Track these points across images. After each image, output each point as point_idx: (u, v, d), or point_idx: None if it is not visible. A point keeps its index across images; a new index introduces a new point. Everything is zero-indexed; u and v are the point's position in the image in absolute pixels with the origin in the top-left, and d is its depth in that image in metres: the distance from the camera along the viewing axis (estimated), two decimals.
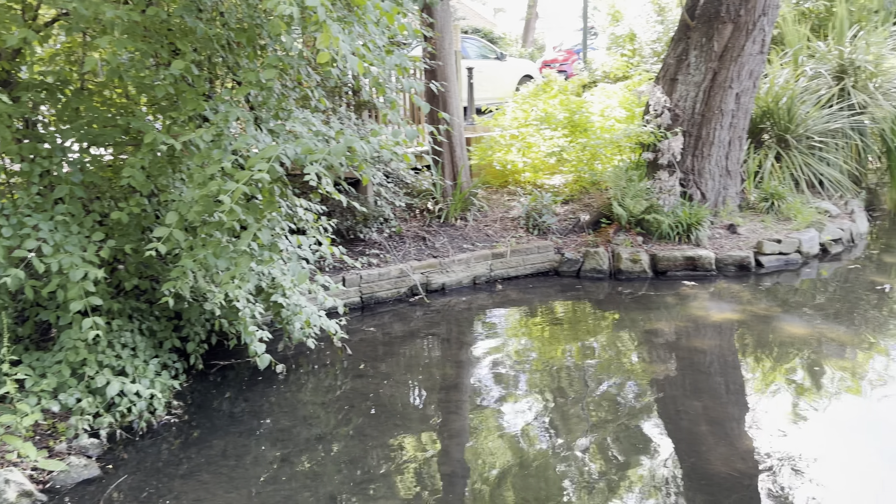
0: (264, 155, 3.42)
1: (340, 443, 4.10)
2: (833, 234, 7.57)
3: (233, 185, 3.42)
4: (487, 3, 41.15)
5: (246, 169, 3.47)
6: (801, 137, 8.56)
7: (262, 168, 3.34)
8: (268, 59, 3.96)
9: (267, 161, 3.40)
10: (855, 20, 9.28)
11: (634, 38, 13.04)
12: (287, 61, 4.21)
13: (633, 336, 5.77)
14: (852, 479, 3.56)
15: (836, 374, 4.82)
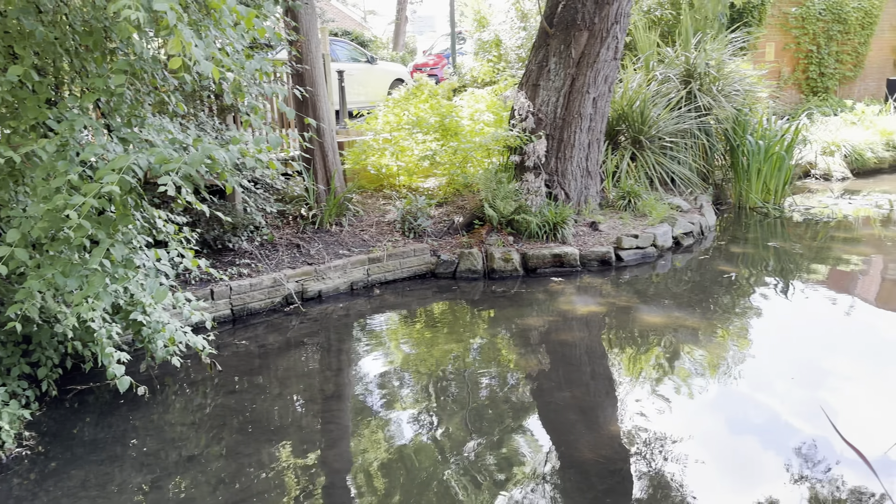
0: (114, 166, 3.23)
1: (213, 463, 3.94)
2: (685, 227, 8.16)
3: (80, 199, 3.21)
4: (358, 5, 40.94)
5: (95, 181, 3.26)
6: (653, 138, 9.17)
7: (111, 180, 3.15)
8: (117, 63, 3.74)
9: (117, 172, 3.22)
10: (698, 28, 10.05)
11: (500, 43, 13.45)
12: (140, 65, 3.99)
13: (507, 333, 5.95)
14: (712, 454, 3.86)
15: (691, 357, 5.21)
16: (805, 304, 6.42)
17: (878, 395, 4.53)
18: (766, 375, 4.84)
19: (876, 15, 17.58)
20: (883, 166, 12.69)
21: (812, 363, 5.09)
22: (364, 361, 5.42)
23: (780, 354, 5.25)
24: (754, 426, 4.22)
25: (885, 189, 11.26)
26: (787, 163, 9.80)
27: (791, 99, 17.26)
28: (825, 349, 5.40)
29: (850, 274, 7.29)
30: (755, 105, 10.86)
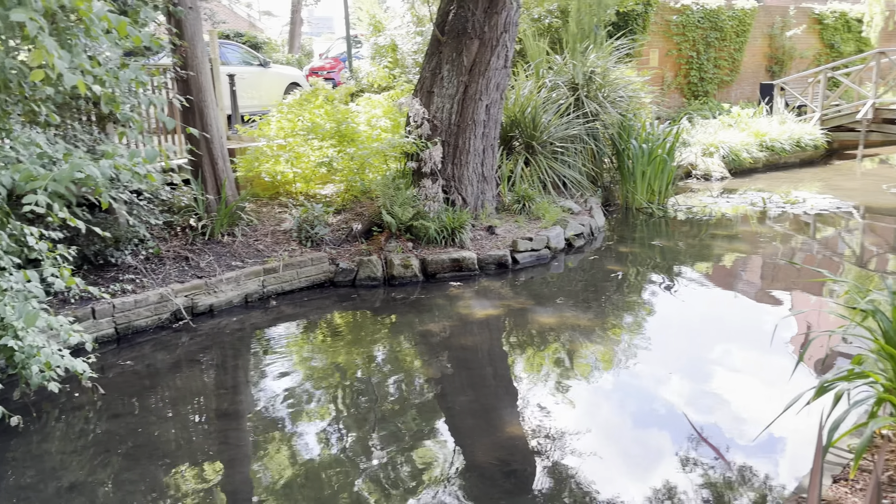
0: None
1: (98, 489, 3.75)
2: (576, 229, 8.46)
3: None
4: (252, 6, 39.89)
5: None
6: (545, 143, 9.46)
7: None
8: None
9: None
10: (578, 39, 10.41)
11: (396, 48, 13.46)
12: (2, 75, 3.73)
13: (409, 339, 5.97)
14: (610, 447, 4.02)
15: (584, 355, 5.41)
16: (689, 298, 6.81)
17: (761, 383, 4.87)
18: (656, 369, 5.10)
19: (749, 23, 18.86)
20: (758, 166, 13.63)
21: (698, 355, 5.41)
22: (262, 376, 5.29)
23: (668, 348, 5.54)
24: (648, 418, 4.44)
25: (760, 187, 12.09)
26: (670, 165, 10.36)
27: (675, 103, 18.23)
28: (710, 341, 5.75)
29: (729, 269, 7.79)
30: (640, 110, 11.40)
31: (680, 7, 17.80)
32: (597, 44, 10.54)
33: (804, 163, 14.24)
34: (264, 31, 34.99)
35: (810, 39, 20.62)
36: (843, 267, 7.80)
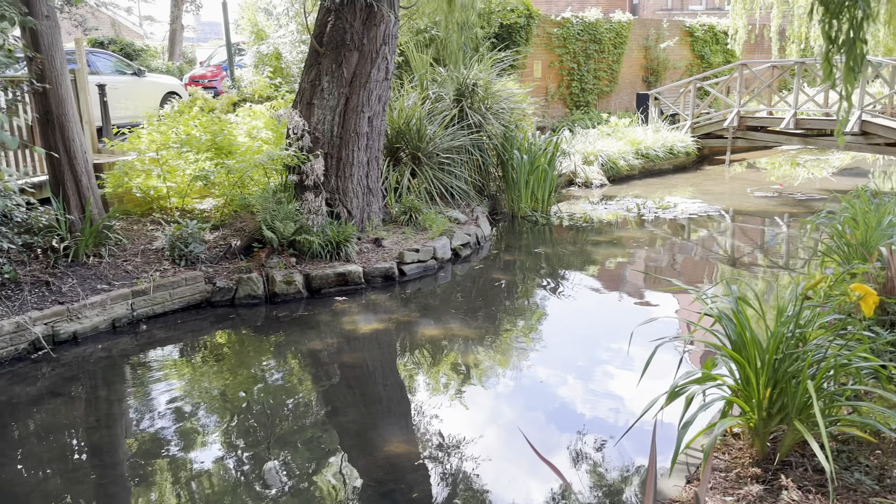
0: None
1: None
2: (462, 239, 8.55)
3: None
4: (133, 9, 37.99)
5: None
6: (431, 154, 9.52)
7: None
8: None
9: None
10: (454, 53, 10.55)
11: (280, 57, 13.18)
12: None
13: (292, 358, 5.81)
14: (500, 452, 4.04)
15: (469, 365, 5.45)
16: (570, 304, 7.02)
17: (631, 387, 5.06)
18: (541, 372, 5.21)
19: (626, 36, 19.81)
20: (634, 173, 14.30)
21: (575, 361, 5.57)
22: (131, 406, 4.99)
23: (549, 354, 5.68)
24: (534, 420, 4.51)
25: (636, 193, 12.68)
26: (551, 174, 10.68)
27: (558, 113, 18.86)
28: (589, 345, 5.94)
29: (608, 273, 8.10)
30: (523, 120, 11.70)
31: (560, 20, 18.46)
32: (478, 56, 10.73)
33: (677, 169, 15.07)
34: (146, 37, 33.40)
35: (683, 51, 21.91)
36: (714, 268, 8.29)
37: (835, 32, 2.96)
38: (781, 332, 3.15)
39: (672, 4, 28.98)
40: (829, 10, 2.92)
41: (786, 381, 3.11)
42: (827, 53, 3.11)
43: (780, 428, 3.24)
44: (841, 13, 2.88)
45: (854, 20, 2.87)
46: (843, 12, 2.86)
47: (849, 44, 2.94)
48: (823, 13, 2.97)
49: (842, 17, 2.90)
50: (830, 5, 2.93)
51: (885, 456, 3.08)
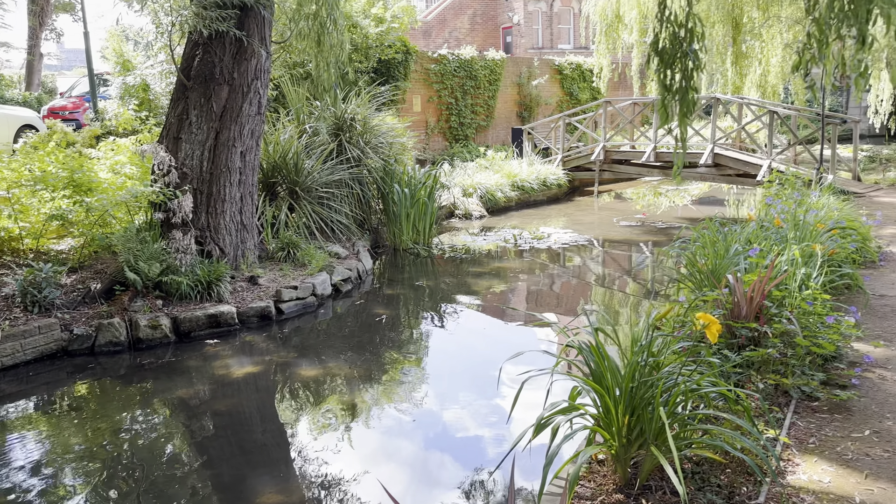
0: None
1: None
2: (342, 274, 8.46)
3: None
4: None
5: None
6: (309, 189, 9.40)
7: None
8: None
9: None
10: (325, 90, 10.54)
11: (148, 89, 12.64)
12: None
13: (160, 408, 5.47)
14: (370, 497, 3.95)
15: (346, 406, 5.35)
16: (451, 335, 7.09)
17: (522, 408, 5.15)
18: (419, 409, 5.18)
19: (499, 73, 20.59)
20: (511, 204, 14.78)
21: (459, 390, 5.60)
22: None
23: (433, 387, 5.68)
24: (409, 459, 4.47)
25: (514, 224, 13.09)
26: (431, 206, 10.83)
27: (438, 146, 19.24)
28: (471, 374, 5.99)
29: (487, 302, 8.26)
30: (403, 154, 11.83)
31: (437, 57, 18.93)
32: (356, 91, 10.78)
33: (551, 200, 15.72)
34: (1, 65, 31.02)
35: (553, 88, 23.05)
36: (583, 295, 8.65)
37: (669, 81, 3.23)
38: (636, 361, 3.32)
39: (543, 44, 30.48)
40: (664, 61, 3.18)
41: (642, 407, 3.27)
42: (663, 100, 3.37)
43: (640, 453, 3.40)
44: (674, 63, 3.15)
45: (686, 70, 3.15)
46: (676, 63, 3.13)
47: (682, 92, 3.21)
48: (658, 63, 3.23)
49: (675, 67, 3.17)
50: (665, 56, 3.19)
51: (733, 475, 3.30)
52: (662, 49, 3.23)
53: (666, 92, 3.31)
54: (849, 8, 2.97)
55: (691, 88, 3.22)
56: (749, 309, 4.79)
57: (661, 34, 3.25)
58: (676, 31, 3.14)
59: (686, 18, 3.09)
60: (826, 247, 5.80)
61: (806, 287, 5.17)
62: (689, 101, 3.22)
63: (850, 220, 7.64)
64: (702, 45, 3.26)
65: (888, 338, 5.10)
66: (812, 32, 3.34)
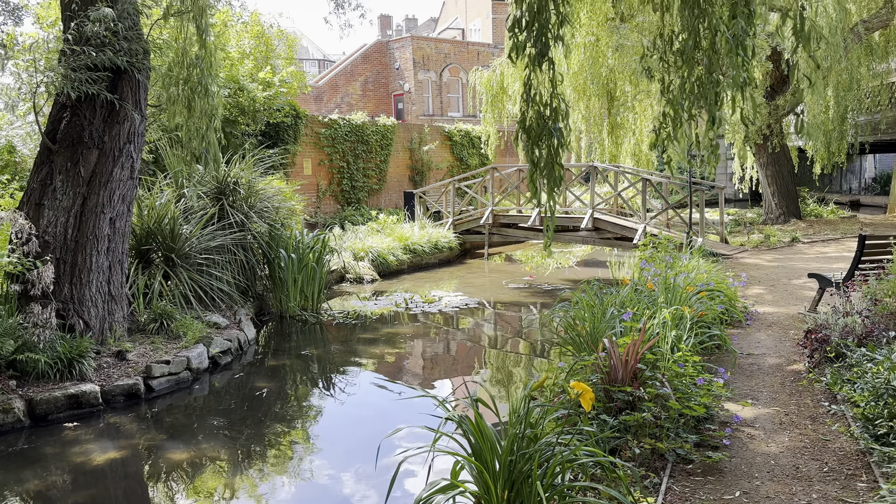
0: None
1: None
2: (222, 346, 8.04)
3: None
4: None
5: None
6: (187, 255, 8.97)
7: None
8: None
9: None
10: (196, 158, 10.27)
11: (14, 150, 11.82)
12: None
13: (8, 502, 4.87)
14: None
15: (215, 492, 4.96)
16: (335, 407, 6.82)
17: (409, 484, 4.94)
18: (297, 494, 4.88)
19: (391, 138, 20.88)
20: (403, 267, 14.76)
21: (339, 470, 5.34)
22: None
23: (312, 468, 5.38)
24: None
25: (406, 287, 13.03)
26: (320, 271, 10.61)
27: (330, 209, 19.09)
28: (353, 451, 5.74)
29: (374, 371, 8.06)
30: (292, 217, 11.61)
31: (328, 121, 19.00)
32: (240, 154, 10.55)
33: (443, 262, 15.86)
34: None
35: (444, 153, 23.60)
36: (470, 361, 8.64)
37: (535, 157, 3.33)
38: (515, 433, 3.28)
39: (433, 111, 31.35)
40: (531, 138, 3.28)
41: (521, 481, 3.22)
42: (531, 175, 3.47)
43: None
44: (541, 140, 3.25)
45: (552, 147, 3.25)
46: (542, 140, 3.24)
47: (549, 167, 3.31)
48: (526, 140, 3.33)
49: (541, 144, 3.28)
50: (531, 133, 3.29)
51: None
52: (529, 127, 3.33)
53: (533, 168, 3.40)
54: (698, 90, 3.20)
55: (557, 164, 3.32)
56: (625, 372, 4.90)
57: (528, 113, 3.36)
58: (542, 111, 3.26)
59: (550, 98, 3.22)
60: (694, 309, 6.10)
61: (677, 349, 5.38)
62: (555, 177, 3.32)
63: (718, 282, 8.12)
64: (566, 124, 3.40)
65: (755, 396, 5.36)
66: (667, 112, 3.57)
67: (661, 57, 3.71)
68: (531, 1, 3.19)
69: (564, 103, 3.38)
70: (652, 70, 4.03)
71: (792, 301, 8.74)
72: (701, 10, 3.22)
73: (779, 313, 8.14)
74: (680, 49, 3.50)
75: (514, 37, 3.41)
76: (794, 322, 7.66)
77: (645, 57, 3.99)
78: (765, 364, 6.19)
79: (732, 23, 3.27)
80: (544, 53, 3.29)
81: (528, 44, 3.29)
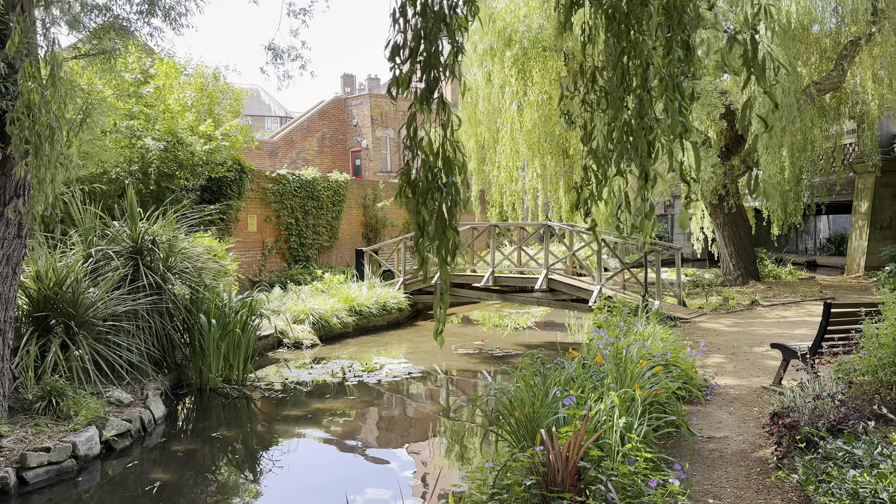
0: None
1: None
2: (119, 427, 7.04)
3: None
4: None
5: None
6: (92, 322, 8.01)
7: None
8: None
9: None
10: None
11: None
12: None
13: None
14: None
15: None
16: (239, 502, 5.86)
17: None
18: None
19: (343, 194, 20.20)
20: (348, 331, 13.85)
21: None
22: None
23: None
24: None
25: (350, 353, 12.13)
26: (248, 338, 9.68)
27: (276, 267, 18.18)
28: None
29: (292, 455, 7.12)
30: (224, 277, 10.73)
31: (276, 176, 18.28)
32: (161, 209, 9.71)
33: (392, 325, 14.99)
34: None
35: (401, 210, 22.98)
36: (406, 440, 7.76)
37: (422, 220, 2.65)
38: None
39: (391, 167, 30.93)
40: (416, 194, 2.60)
41: None
42: (417, 242, 2.77)
43: None
44: (430, 198, 2.57)
45: (444, 207, 2.57)
46: (431, 198, 2.56)
47: (440, 233, 2.63)
48: (411, 196, 2.65)
49: (430, 204, 2.60)
50: (417, 188, 2.61)
51: None
52: (415, 181, 2.65)
53: (420, 233, 2.71)
54: (627, 139, 2.59)
55: (451, 228, 2.64)
56: (565, 473, 4.13)
57: (413, 163, 2.68)
58: (431, 162, 2.58)
59: (442, 146, 2.53)
60: (647, 390, 5.39)
61: (628, 438, 4.63)
62: (448, 246, 2.64)
63: (676, 351, 7.46)
64: (463, 178, 2.73)
65: (717, 494, 4.61)
66: (589, 166, 2.95)
67: (582, 99, 3.10)
68: (417, 25, 2.56)
69: (461, 153, 2.71)
70: (572, 115, 3.40)
71: (754, 372, 8.10)
72: (630, 40, 2.63)
73: (741, 386, 7.49)
74: (604, 87, 2.90)
75: (396, 68, 2.73)
76: (758, 398, 7.00)
77: (565, 98, 3.36)
78: (727, 451, 5.47)
79: (667, 59, 2.68)
80: (433, 89, 2.64)
81: (412, 77, 2.64)
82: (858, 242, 19.67)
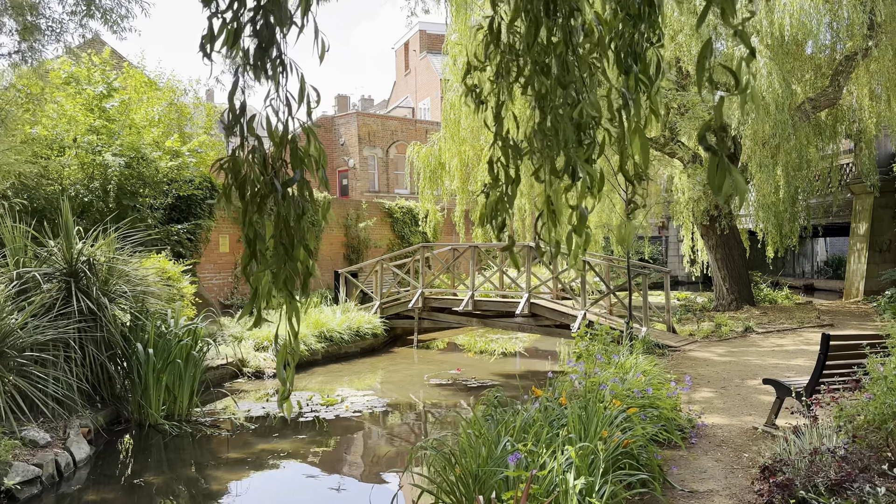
0: None
1: None
2: (27, 474, 6.20)
3: None
4: None
5: None
6: (11, 353, 7.19)
7: None
8: None
9: None
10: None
11: None
12: None
13: None
14: None
15: None
16: None
17: None
18: None
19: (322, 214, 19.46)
20: (317, 358, 13.01)
21: None
22: None
23: None
24: None
25: (316, 383, 11.30)
26: (195, 369, 8.85)
27: (249, 290, 17.37)
28: None
29: None
30: (175, 303, 9.94)
31: None
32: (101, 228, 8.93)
33: (366, 352, 14.15)
34: None
35: (384, 230, 22.28)
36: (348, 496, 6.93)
37: (255, 235, 1.88)
38: None
39: (379, 188, 30.25)
40: (247, 198, 1.83)
41: None
42: (245, 267, 2.03)
43: None
44: (263, 204, 1.81)
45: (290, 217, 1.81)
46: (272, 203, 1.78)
47: (282, 255, 1.88)
48: (239, 206, 1.91)
49: (269, 214, 1.85)
50: (246, 190, 1.87)
51: None
52: (244, 179, 1.90)
53: (250, 255, 1.96)
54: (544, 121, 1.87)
55: (302, 247, 1.90)
56: None
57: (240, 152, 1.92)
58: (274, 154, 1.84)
59: None
60: (616, 440, 4.58)
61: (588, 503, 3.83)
62: (295, 275, 1.92)
63: (658, 387, 6.67)
64: (321, 175, 1.99)
65: None
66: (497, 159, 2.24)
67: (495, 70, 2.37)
68: None
69: (318, 142, 1.94)
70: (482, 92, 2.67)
71: (745, 409, 7.30)
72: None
73: (730, 426, 6.68)
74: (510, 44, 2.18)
75: (215, 16, 1.95)
76: (749, 440, 6.19)
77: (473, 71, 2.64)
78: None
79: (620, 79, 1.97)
80: (269, 44, 1.89)
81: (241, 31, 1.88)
82: (857, 266, 18.92)
